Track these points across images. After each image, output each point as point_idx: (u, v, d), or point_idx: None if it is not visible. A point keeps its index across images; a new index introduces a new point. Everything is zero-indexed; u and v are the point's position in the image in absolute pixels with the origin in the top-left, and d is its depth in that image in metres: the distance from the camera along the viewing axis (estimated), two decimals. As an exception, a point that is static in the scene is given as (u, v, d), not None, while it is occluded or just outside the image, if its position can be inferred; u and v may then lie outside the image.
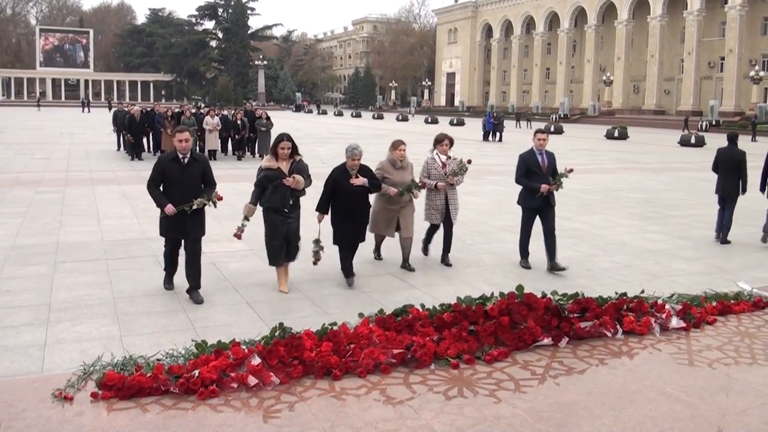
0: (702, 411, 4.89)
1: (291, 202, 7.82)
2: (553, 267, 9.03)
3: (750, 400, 5.10)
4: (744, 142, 37.75)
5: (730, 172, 11.64)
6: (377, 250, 9.53)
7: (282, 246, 7.84)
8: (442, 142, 9.24)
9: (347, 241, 8.24)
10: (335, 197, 8.15)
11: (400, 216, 8.85)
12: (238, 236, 7.86)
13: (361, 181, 8.12)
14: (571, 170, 9.17)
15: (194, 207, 7.30)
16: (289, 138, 7.85)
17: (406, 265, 9.04)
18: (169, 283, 7.95)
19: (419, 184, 8.90)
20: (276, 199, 7.74)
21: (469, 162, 9.21)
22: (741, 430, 4.63)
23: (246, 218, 7.80)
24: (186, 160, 7.43)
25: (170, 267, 7.93)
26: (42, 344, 6.11)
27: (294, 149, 7.84)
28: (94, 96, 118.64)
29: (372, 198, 8.67)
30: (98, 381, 4.97)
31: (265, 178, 7.74)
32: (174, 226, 7.47)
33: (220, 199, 7.44)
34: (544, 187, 8.95)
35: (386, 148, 8.71)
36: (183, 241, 7.66)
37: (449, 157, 9.22)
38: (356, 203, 8.21)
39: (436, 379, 5.34)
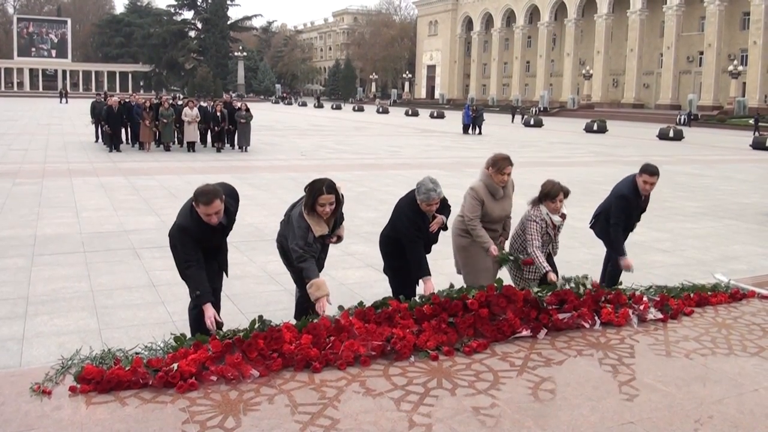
0: (679, 400, 4.94)
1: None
2: None
3: (726, 390, 5.16)
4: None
5: None
6: None
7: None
8: (555, 197, 6.56)
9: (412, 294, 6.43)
10: (401, 246, 6.25)
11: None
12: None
13: (440, 221, 6.31)
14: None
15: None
16: (331, 188, 5.55)
17: None
18: None
19: (521, 259, 6.64)
20: (319, 266, 5.96)
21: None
22: (718, 418, 4.69)
23: (326, 296, 5.65)
24: (225, 221, 5.56)
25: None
26: (20, 338, 6.06)
27: (338, 203, 5.71)
28: (72, 86, 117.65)
29: (452, 236, 6.76)
30: (76, 375, 4.93)
31: (317, 247, 5.75)
32: (210, 274, 5.63)
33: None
34: (628, 264, 7.29)
35: (370, 141, 7.05)
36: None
37: (564, 216, 6.80)
38: (427, 250, 6.44)
39: (416, 371, 5.35)
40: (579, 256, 9.80)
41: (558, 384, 5.19)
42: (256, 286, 7.82)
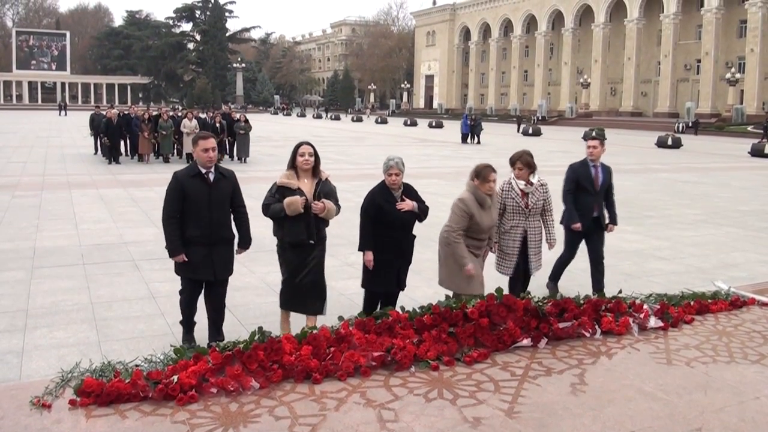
0: (680, 409, 4.93)
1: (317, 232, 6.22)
2: None
3: (728, 398, 5.15)
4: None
5: None
6: None
7: (307, 294, 6.32)
8: (514, 164, 7.08)
9: (388, 285, 6.56)
10: (375, 228, 6.37)
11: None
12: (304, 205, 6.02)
13: (410, 205, 6.34)
14: None
15: None
16: (308, 143, 6.20)
17: None
18: (188, 341, 6.16)
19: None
20: (299, 229, 6.09)
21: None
22: (719, 427, 4.68)
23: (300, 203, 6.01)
24: (213, 178, 5.93)
25: (190, 321, 6.28)
26: (19, 351, 6.04)
27: (317, 160, 6.20)
28: (71, 99, 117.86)
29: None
30: (76, 388, 4.91)
31: (278, 197, 6.07)
32: (199, 263, 5.97)
33: None
34: (576, 227, 7.84)
35: (370, 151, 6.97)
36: (204, 284, 6.19)
37: (530, 183, 7.06)
38: (403, 235, 6.45)
39: (417, 382, 5.34)
40: (579, 264, 9.77)
41: (559, 393, 5.18)
42: (256, 298, 7.82)
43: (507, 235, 7.06)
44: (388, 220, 6.31)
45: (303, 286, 6.28)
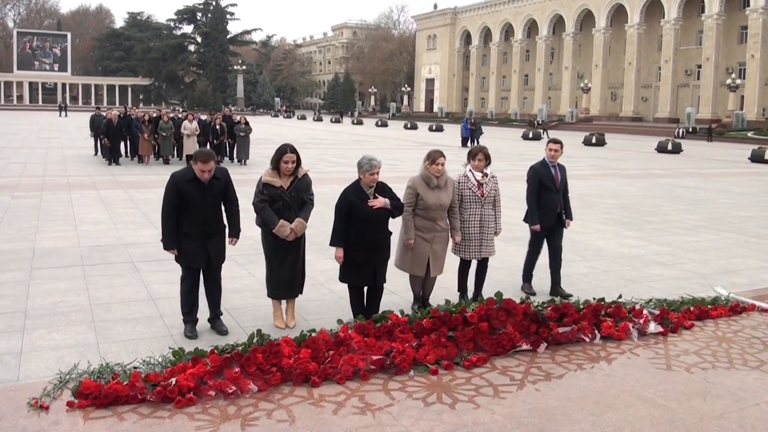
0: (680, 415, 4.92)
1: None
2: (559, 293, 8.26)
3: (727, 404, 5.14)
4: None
5: None
6: (417, 300, 7.58)
7: (289, 277, 6.86)
8: (475, 156, 7.69)
9: (366, 279, 6.83)
10: (348, 225, 6.64)
11: (430, 250, 7.20)
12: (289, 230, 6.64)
13: (382, 202, 6.62)
14: None
15: None
16: (293, 149, 6.71)
17: (427, 305, 7.21)
18: (192, 331, 6.57)
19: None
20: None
21: None
22: (718, 434, 4.67)
23: (290, 229, 6.64)
24: (207, 182, 6.49)
25: (192, 311, 6.64)
26: (18, 352, 6.03)
27: (298, 164, 6.75)
28: (71, 100, 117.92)
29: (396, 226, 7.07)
30: (74, 389, 4.91)
31: (269, 197, 6.63)
32: (195, 252, 6.52)
33: None
34: (535, 228, 8.35)
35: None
36: (201, 271, 6.71)
37: (485, 175, 7.69)
38: (377, 231, 6.69)
39: (415, 386, 5.33)
40: (579, 269, 9.79)
41: (558, 399, 5.17)
42: (255, 300, 7.79)
43: (466, 222, 7.59)
44: (361, 216, 6.59)
45: (284, 270, 6.81)
